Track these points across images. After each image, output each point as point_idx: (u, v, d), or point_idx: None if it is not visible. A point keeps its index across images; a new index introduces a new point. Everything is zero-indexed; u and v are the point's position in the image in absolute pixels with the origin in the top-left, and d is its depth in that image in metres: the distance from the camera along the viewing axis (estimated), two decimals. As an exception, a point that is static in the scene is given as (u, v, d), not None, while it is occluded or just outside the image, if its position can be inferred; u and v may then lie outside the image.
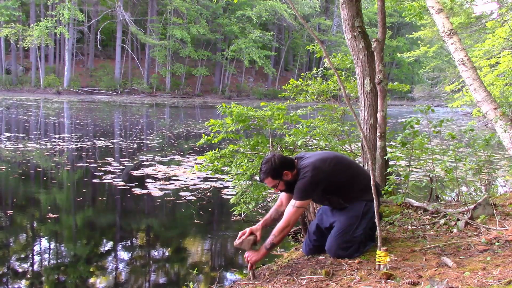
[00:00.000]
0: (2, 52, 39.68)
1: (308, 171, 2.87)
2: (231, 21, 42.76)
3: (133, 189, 6.53)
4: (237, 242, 2.98)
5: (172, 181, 7.11)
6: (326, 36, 48.29)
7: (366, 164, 4.45)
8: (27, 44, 35.40)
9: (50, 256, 4.24)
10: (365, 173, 3.16)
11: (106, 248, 4.55)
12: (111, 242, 4.73)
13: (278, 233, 2.86)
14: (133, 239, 4.86)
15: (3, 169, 7.75)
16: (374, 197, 2.74)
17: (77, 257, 4.15)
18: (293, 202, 2.90)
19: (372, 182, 2.77)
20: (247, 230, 3.01)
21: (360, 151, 5.03)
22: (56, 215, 5.29)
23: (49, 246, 4.49)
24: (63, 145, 10.95)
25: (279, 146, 4.96)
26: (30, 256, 4.20)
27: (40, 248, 4.41)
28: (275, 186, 2.99)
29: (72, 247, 4.44)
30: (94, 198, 6.35)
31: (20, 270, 3.84)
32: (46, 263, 4.07)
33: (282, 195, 3.14)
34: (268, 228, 3.07)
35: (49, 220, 5.12)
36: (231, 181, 5.70)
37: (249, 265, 2.89)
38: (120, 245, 4.63)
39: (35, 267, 3.94)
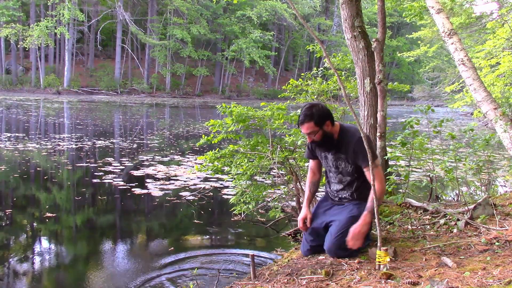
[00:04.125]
0: (2, 52, 39.71)
1: (358, 131, 2.72)
2: (231, 21, 42.78)
3: (133, 189, 6.53)
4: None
5: (172, 181, 7.11)
6: (326, 36, 48.33)
7: (366, 164, 4.44)
8: (27, 44, 35.39)
9: (50, 255, 4.24)
10: None
11: (106, 248, 4.55)
12: (111, 242, 4.72)
13: (381, 195, 2.85)
14: (133, 239, 4.86)
15: (3, 169, 7.75)
16: (374, 197, 2.74)
17: (77, 257, 4.15)
18: (369, 167, 2.63)
19: (372, 182, 2.77)
20: (303, 216, 3.04)
21: (360, 151, 5.02)
22: (56, 215, 5.29)
23: (49, 245, 4.49)
24: (63, 145, 10.95)
25: (279, 146, 4.95)
26: (29, 255, 4.19)
27: (40, 247, 4.41)
28: (313, 133, 2.77)
29: (72, 246, 4.44)
30: (94, 198, 6.35)
31: (20, 270, 3.84)
32: (45, 262, 4.06)
33: (312, 165, 3.15)
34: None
35: (49, 220, 5.12)
36: (231, 181, 5.70)
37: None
38: (120, 245, 4.62)
39: (35, 267, 3.94)
